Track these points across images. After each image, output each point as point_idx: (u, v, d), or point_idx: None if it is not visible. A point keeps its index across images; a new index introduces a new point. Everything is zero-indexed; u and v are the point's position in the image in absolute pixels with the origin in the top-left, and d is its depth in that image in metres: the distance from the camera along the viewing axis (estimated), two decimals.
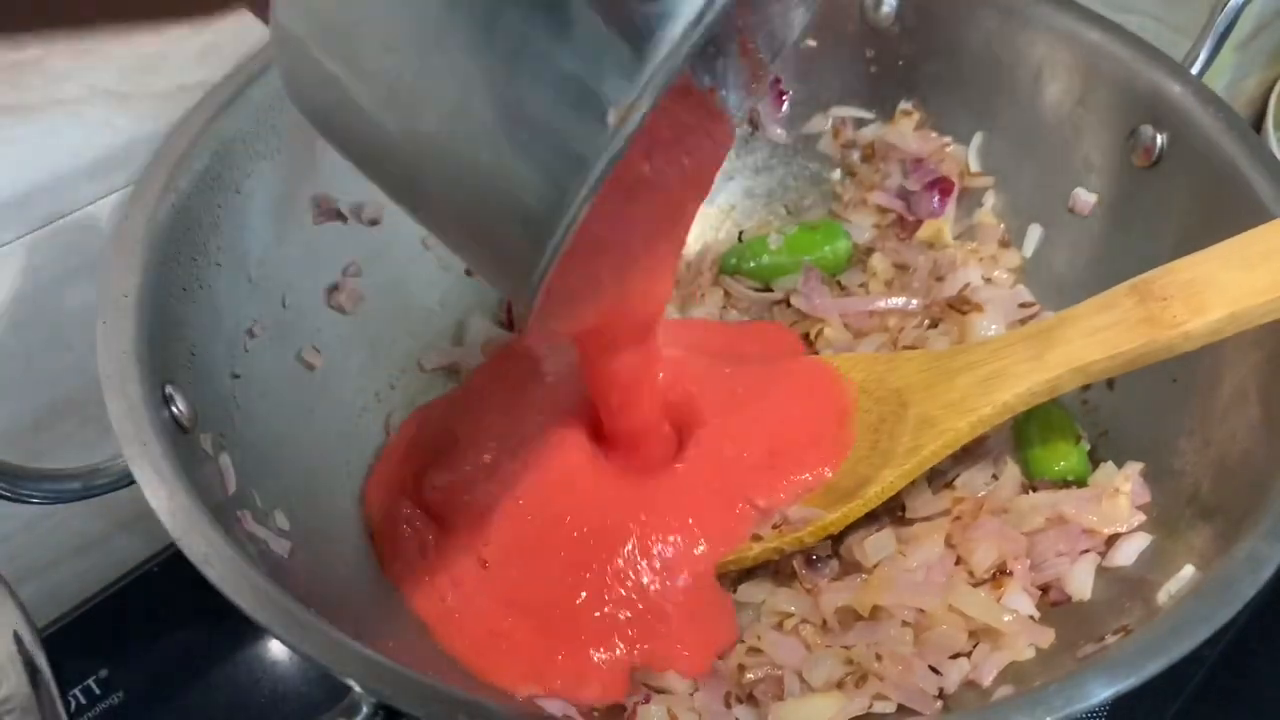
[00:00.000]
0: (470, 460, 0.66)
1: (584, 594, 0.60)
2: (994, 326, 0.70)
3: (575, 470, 0.64)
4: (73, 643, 0.70)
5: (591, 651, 0.59)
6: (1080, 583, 0.59)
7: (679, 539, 0.62)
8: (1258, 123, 0.83)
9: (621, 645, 0.60)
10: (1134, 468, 0.61)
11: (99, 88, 0.63)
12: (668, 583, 0.61)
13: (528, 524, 0.63)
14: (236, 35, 0.66)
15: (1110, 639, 0.50)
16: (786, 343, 0.76)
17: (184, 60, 0.65)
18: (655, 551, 0.62)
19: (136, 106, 0.65)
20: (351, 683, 0.44)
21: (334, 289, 0.70)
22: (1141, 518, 0.59)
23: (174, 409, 0.54)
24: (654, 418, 0.65)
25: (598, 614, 0.60)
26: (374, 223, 0.72)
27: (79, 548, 0.74)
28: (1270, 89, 0.82)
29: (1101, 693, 0.42)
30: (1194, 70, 0.67)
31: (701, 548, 0.62)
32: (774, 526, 0.63)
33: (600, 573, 0.61)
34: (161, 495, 0.48)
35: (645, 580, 0.61)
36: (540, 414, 0.68)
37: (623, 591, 0.61)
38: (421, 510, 0.65)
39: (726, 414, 0.66)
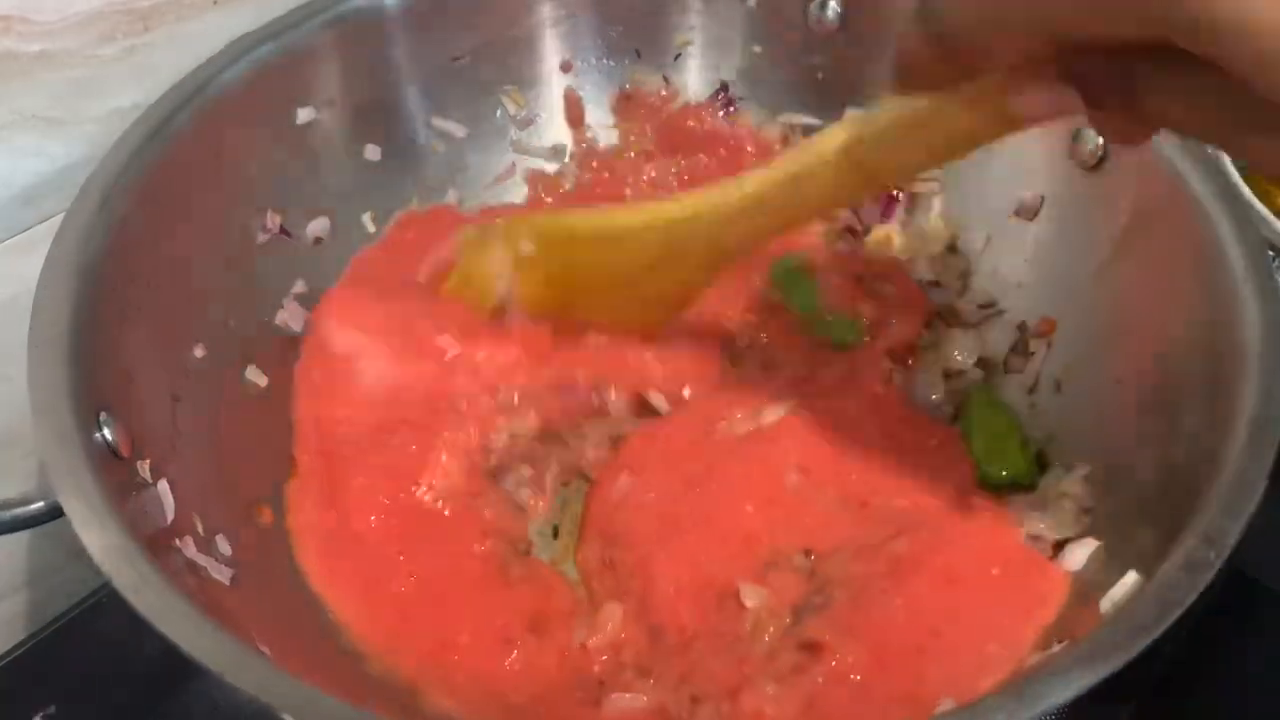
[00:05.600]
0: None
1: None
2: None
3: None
4: (19, 678, 0.69)
5: None
6: None
7: None
8: None
9: None
10: (1081, 471, 0.61)
11: (28, 113, 0.62)
12: None
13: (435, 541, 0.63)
14: (170, 55, 0.65)
15: (1056, 647, 0.50)
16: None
17: (116, 83, 0.65)
18: None
19: (69, 131, 0.64)
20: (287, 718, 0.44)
21: (278, 308, 0.70)
22: (1088, 521, 0.59)
23: (108, 436, 0.53)
24: None
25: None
26: (317, 241, 0.72)
27: (26, 580, 0.73)
28: None
29: (1040, 705, 0.42)
30: None
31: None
32: None
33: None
34: (92, 527, 0.48)
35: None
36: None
37: None
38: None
39: None
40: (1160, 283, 0.61)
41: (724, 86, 0.80)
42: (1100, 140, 0.65)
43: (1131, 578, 0.49)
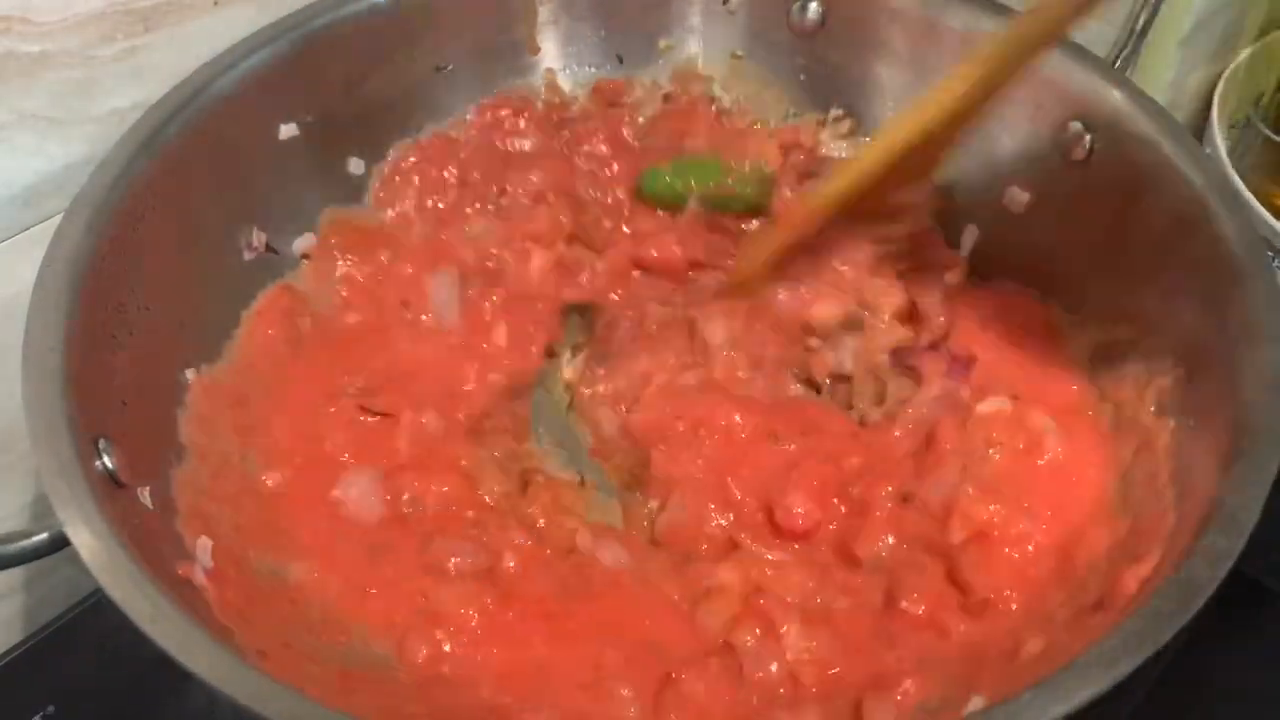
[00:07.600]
0: None
1: None
2: None
3: None
4: (18, 679, 0.68)
5: None
6: None
7: None
8: (1203, 117, 0.83)
9: None
10: None
11: (28, 113, 0.61)
12: None
13: None
14: (170, 56, 0.64)
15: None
16: None
17: (116, 83, 0.64)
18: None
19: (69, 131, 0.63)
20: None
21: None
22: None
23: (108, 464, 0.52)
24: None
25: None
26: (305, 256, 0.71)
27: (25, 581, 0.72)
28: (1214, 84, 0.83)
29: (1075, 698, 0.42)
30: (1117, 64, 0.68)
31: None
32: None
33: None
34: (101, 559, 0.47)
35: None
36: None
37: None
38: None
39: None
40: (1158, 280, 0.61)
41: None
42: (1087, 135, 0.66)
43: (1151, 565, 0.50)
